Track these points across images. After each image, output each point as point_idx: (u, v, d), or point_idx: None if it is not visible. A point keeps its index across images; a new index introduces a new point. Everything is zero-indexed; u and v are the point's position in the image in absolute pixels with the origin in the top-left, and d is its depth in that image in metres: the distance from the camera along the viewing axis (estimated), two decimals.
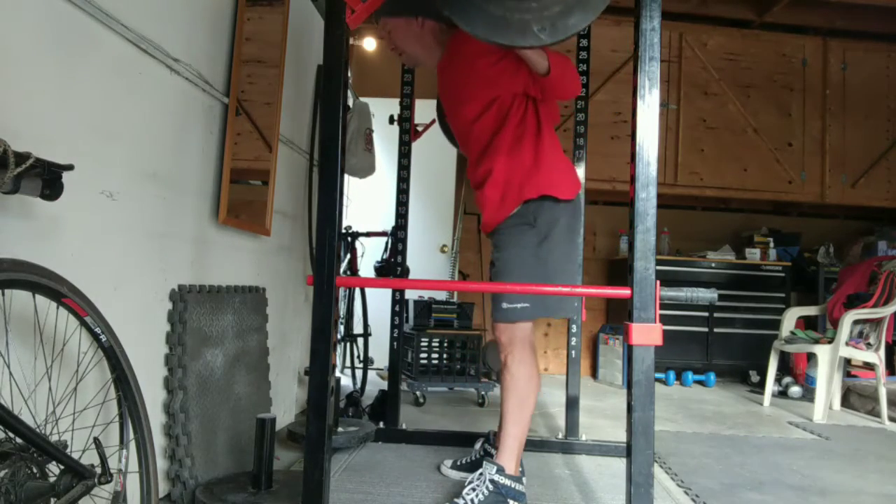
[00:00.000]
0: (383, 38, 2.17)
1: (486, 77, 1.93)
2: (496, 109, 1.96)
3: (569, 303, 2.01)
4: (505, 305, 1.92)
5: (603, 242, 5.34)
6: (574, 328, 2.78)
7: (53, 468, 1.13)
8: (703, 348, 4.88)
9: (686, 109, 5.04)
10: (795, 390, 4.25)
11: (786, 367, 4.51)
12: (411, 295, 3.90)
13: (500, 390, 1.97)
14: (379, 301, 3.66)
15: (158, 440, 1.81)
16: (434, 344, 3.91)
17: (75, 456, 1.17)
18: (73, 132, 1.43)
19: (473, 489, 1.88)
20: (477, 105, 1.98)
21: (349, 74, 3.44)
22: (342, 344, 3.63)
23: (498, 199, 1.97)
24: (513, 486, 1.89)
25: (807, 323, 4.44)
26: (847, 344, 3.65)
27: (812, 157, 5.12)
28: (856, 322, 3.76)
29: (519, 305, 1.90)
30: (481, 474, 1.90)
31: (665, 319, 1.49)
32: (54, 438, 1.18)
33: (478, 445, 2.29)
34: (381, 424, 2.80)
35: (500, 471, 1.89)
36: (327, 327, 1.54)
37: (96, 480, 1.18)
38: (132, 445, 1.38)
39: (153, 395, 1.79)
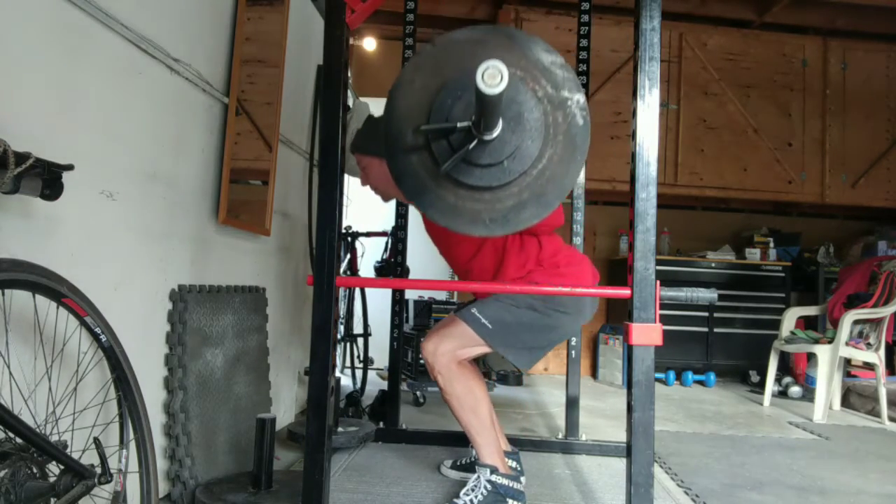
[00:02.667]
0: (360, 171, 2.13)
1: None
2: (490, 246, 1.96)
3: (528, 356, 1.94)
4: (474, 310, 1.90)
5: (603, 242, 5.34)
6: None
7: (53, 468, 1.13)
8: (703, 348, 4.88)
9: (686, 109, 5.04)
10: (795, 390, 4.25)
11: (786, 367, 4.51)
12: (411, 295, 3.90)
13: (450, 410, 1.93)
14: (379, 301, 3.66)
15: (158, 440, 1.81)
16: None
17: (75, 456, 1.17)
18: (73, 132, 1.43)
19: (472, 489, 1.88)
20: (469, 245, 1.98)
21: (349, 74, 3.43)
22: (342, 344, 3.63)
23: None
24: (510, 484, 1.90)
25: (807, 323, 4.44)
26: (847, 344, 3.65)
27: (812, 157, 5.12)
28: (856, 322, 3.76)
29: (483, 320, 1.87)
30: (477, 477, 1.90)
31: (665, 319, 1.49)
32: (54, 438, 1.18)
33: None
34: (381, 424, 2.80)
35: (494, 470, 1.89)
36: (327, 327, 1.54)
37: (96, 480, 1.18)
38: (132, 445, 1.38)
39: (153, 395, 1.79)
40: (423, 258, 4.85)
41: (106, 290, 1.55)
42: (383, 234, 3.47)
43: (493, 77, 1.01)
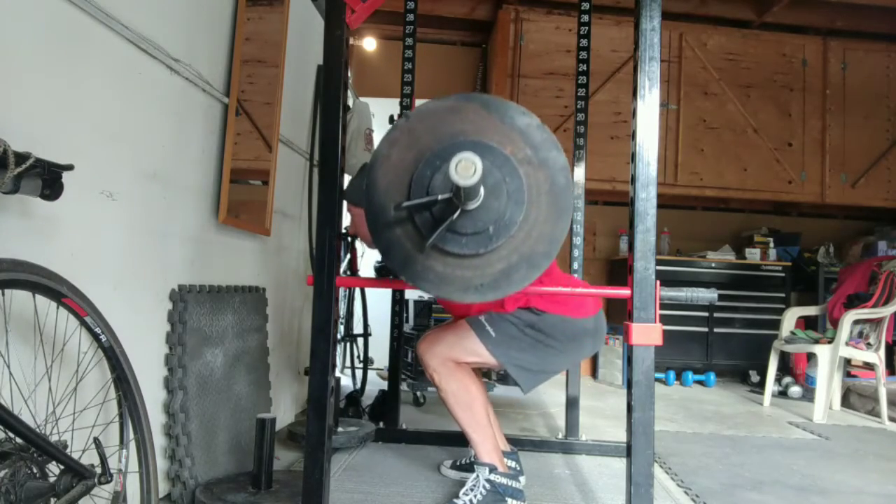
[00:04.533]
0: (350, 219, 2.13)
1: None
2: None
3: (534, 377, 1.93)
4: (482, 318, 1.90)
5: (603, 242, 5.34)
6: None
7: (53, 468, 1.13)
8: (703, 348, 4.87)
9: (686, 109, 5.04)
10: (795, 390, 4.25)
11: (786, 367, 4.51)
12: (411, 295, 3.89)
13: (446, 407, 1.94)
14: (379, 301, 3.66)
15: (158, 440, 1.81)
16: None
17: (75, 456, 1.17)
18: (73, 132, 1.43)
19: (472, 489, 1.88)
20: None
21: (349, 74, 3.44)
22: (342, 344, 3.63)
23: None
24: (510, 483, 1.90)
25: (807, 323, 4.44)
26: (847, 344, 3.65)
27: (812, 157, 5.12)
28: (856, 322, 3.76)
29: (489, 328, 1.87)
30: (476, 476, 1.90)
31: (665, 319, 1.49)
32: (54, 438, 1.18)
33: None
34: (381, 424, 2.80)
35: (493, 469, 1.89)
36: (327, 327, 1.54)
37: (96, 480, 1.18)
38: (132, 445, 1.38)
39: (153, 395, 1.79)
40: None
41: (106, 290, 1.55)
42: None
43: (466, 169, 1.02)
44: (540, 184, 1.27)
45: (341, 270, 3.39)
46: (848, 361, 4.07)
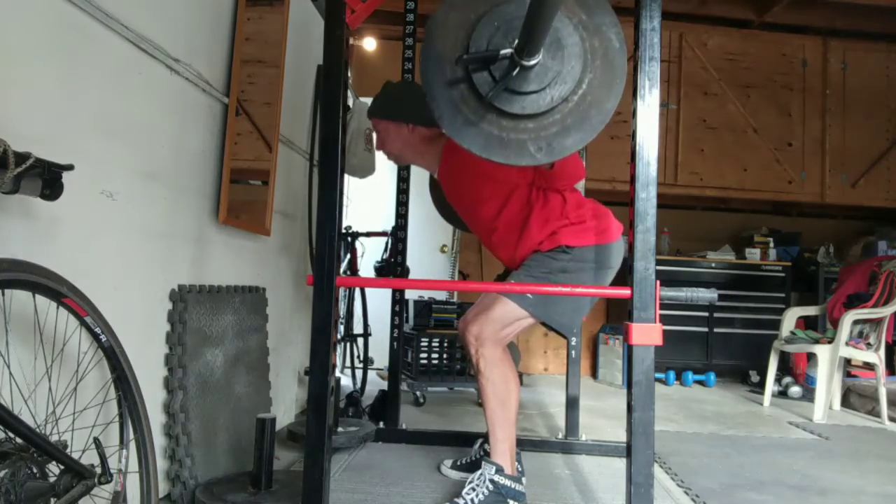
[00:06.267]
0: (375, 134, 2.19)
1: (494, 177, 1.94)
2: (516, 200, 1.97)
3: (574, 319, 2.00)
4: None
5: None
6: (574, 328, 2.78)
7: (53, 468, 1.13)
8: (703, 348, 4.87)
9: (686, 109, 5.04)
10: (795, 390, 4.25)
11: (786, 367, 4.51)
12: (411, 295, 3.90)
13: (480, 395, 1.97)
14: (379, 301, 3.66)
15: (158, 440, 1.81)
16: (434, 344, 3.91)
17: (75, 456, 1.17)
18: (73, 132, 1.43)
19: (473, 489, 1.88)
20: (494, 203, 1.99)
21: (349, 74, 3.44)
22: (342, 344, 3.63)
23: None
24: (512, 485, 1.90)
25: (807, 323, 4.44)
26: (847, 344, 3.65)
27: (812, 157, 5.12)
28: (856, 322, 3.76)
29: (528, 294, 1.90)
30: (481, 474, 1.90)
31: (665, 319, 1.49)
32: (54, 438, 1.18)
33: (477, 446, 2.29)
34: (381, 424, 2.80)
35: (500, 470, 1.89)
36: (327, 327, 1.54)
37: (96, 480, 1.18)
38: (132, 445, 1.38)
39: (153, 395, 1.79)
40: (423, 258, 4.86)
41: (106, 290, 1.55)
42: (383, 234, 3.47)
43: None
44: (595, 48, 1.32)
45: (341, 270, 3.40)
46: (848, 361, 4.07)
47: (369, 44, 5.16)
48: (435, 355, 3.92)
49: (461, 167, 1.99)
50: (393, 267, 3.05)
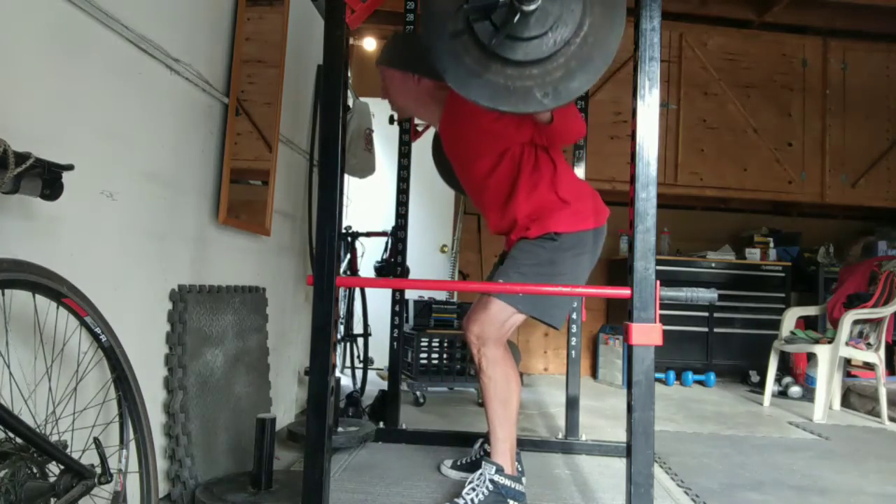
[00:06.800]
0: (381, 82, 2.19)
1: (491, 132, 1.94)
2: (508, 160, 1.97)
3: (561, 312, 2.00)
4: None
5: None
6: (574, 328, 2.78)
7: (53, 468, 1.13)
8: (703, 348, 4.87)
9: (686, 109, 5.03)
10: (795, 390, 4.25)
11: (786, 367, 4.51)
12: (411, 295, 3.89)
13: (482, 394, 1.97)
14: (379, 301, 3.66)
15: (158, 440, 1.81)
16: (434, 344, 3.91)
17: (75, 456, 1.17)
18: (73, 132, 1.43)
19: (473, 489, 1.88)
20: (488, 160, 1.98)
21: (349, 74, 3.44)
22: (342, 344, 3.63)
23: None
24: (512, 485, 1.90)
25: (807, 323, 4.44)
26: (847, 344, 3.65)
27: (812, 157, 5.12)
28: (856, 322, 3.76)
29: (519, 295, 1.90)
30: (481, 474, 1.90)
31: (665, 319, 1.49)
32: (54, 438, 1.18)
33: (477, 445, 2.29)
34: (381, 424, 2.80)
35: (500, 470, 1.90)
36: (327, 327, 1.54)
37: (96, 480, 1.18)
38: (132, 445, 1.38)
39: (153, 395, 1.79)
40: (423, 258, 4.86)
41: (106, 290, 1.55)
42: (383, 234, 3.47)
43: None
44: None
45: (341, 270, 3.40)
46: (848, 361, 4.07)
47: (369, 44, 5.16)
48: (435, 355, 3.92)
49: (461, 120, 2.00)
50: (393, 267, 3.05)
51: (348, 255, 3.52)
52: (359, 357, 3.77)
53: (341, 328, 3.60)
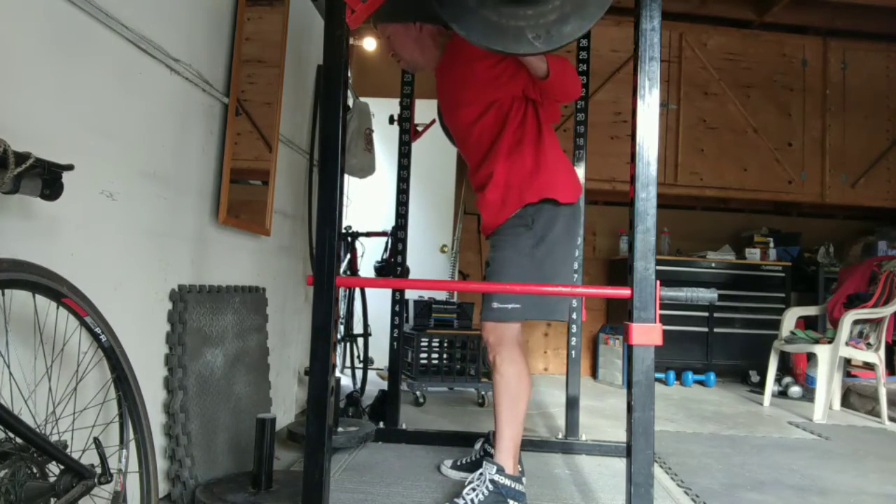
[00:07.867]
0: (384, 42, 2.18)
1: (484, 80, 1.93)
2: (495, 112, 1.96)
3: (563, 305, 2.01)
4: (496, 305, 1.92)
5: (603, 242, 5.34)
6: (574, 328, 2.78)
7: (53, 468, 1.13)
8: (703, 348, 4.87)
9: (686, 109, 5.04)
10: (795, 390, 4.25)
11: (786, 367, 4.51)
12: (411, 295, 3.90)
13: (492, 392, 1.98)
14: (379, 301, 3.66)
15: (158, 440, 1.81)
16: (434, 344, 3.91)
17: (75, 456, 1.17)
18: (73, 132, 1.43)
19: (474, 489, 1.88)
20: (475, 108, 1.98)
21: (349, 74, 3.43)
22: (342, 344, 3.63)
23: (499, 202, 1.97)
24: (513, 485, 1.90)
25: (807, 323, 4.44)
26: (847, 344, 3.65)
27: (812, 157, 5.12)
28: (856, 322, 3.76)
29: (510, 306, 1.90)
30: (481, 474, 1.90)
31: (665, 319, 1.49)
32: (54, 438, 1.18)
33: (478, 445, 2.29)
34: (381, 424, 2.80)
35: (500, 471, 1.89)
36: (327, 327, 1.54)
37: (96, 480, 1.18)
38: (132, 445, 1.38)
39: (153, 395, 1.79)
40: (423, 258, 4.86)
41: (106, 290, 1.55)
42: (383, 234, 3.47)
43: None
44: None
45: (341, 270, 3.40)
46: (848, 361, 4.07)
47: (369, 44, 5.16)
48: (435, 355, 3.92)
49: (457, 65, 2.00)
50: (393, 267, 3.05)
51: (348, 255, 3.52)
52: (359, 357, 3.77)
53: (341, 328, 3.60)
